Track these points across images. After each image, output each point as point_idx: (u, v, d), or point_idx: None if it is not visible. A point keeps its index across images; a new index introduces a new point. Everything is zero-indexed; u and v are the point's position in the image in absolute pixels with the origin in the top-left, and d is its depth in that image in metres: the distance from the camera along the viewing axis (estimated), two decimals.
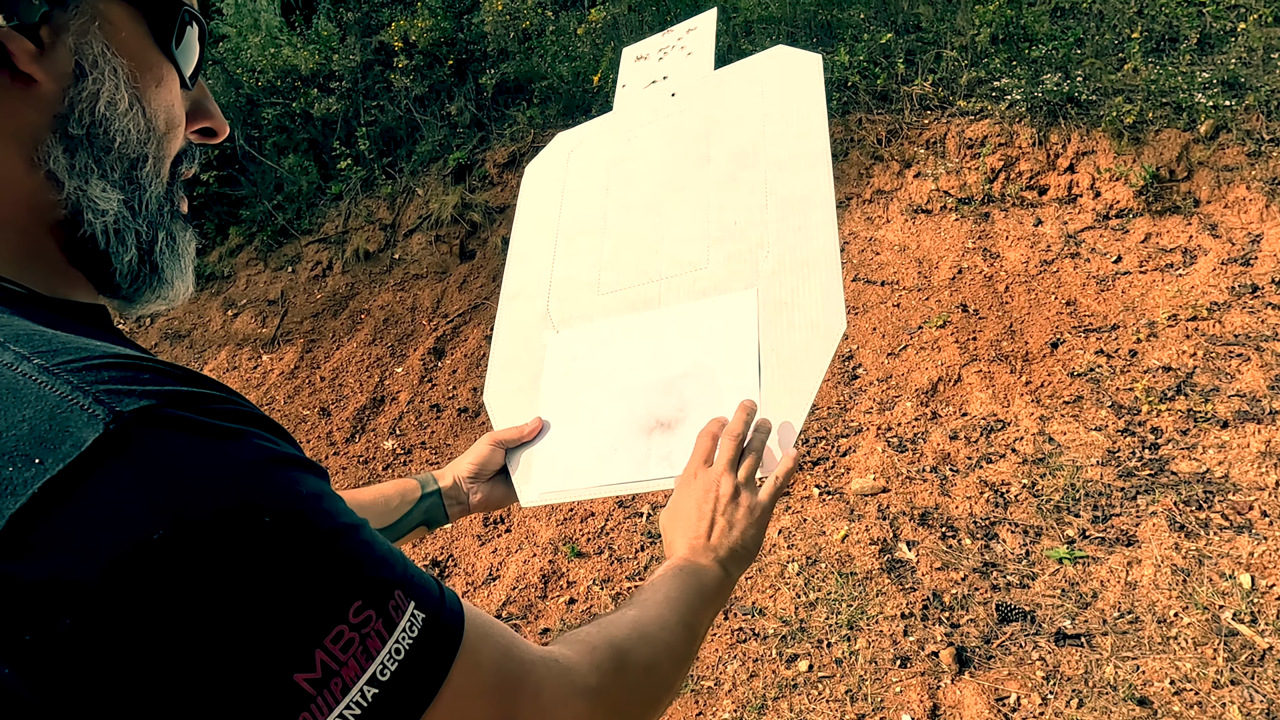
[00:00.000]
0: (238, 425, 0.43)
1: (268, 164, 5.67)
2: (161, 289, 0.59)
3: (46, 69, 0.50)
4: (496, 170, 5.36)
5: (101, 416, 0.38)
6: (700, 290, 1.06)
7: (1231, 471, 2.68)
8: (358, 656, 0.42)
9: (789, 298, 0.97)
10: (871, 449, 3.16)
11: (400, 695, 0.43)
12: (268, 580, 0.39)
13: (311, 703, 0.40)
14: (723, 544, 0.83)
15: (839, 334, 0.91)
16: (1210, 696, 2.05)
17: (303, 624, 0.40)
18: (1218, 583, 2.33)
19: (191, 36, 0.59)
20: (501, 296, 1.25)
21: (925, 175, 4.46)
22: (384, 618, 0.43)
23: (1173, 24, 4.66)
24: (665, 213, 1.15)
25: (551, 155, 1.36)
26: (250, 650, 0.39)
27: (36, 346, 0.42)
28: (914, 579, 2.58)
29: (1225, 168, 3.91)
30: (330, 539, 0.43)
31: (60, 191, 0.52)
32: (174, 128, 0.59)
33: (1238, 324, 3.28)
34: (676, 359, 1.02)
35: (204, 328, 5.19)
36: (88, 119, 0.52)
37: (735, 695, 2.34)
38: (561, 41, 5.79)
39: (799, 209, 1.03)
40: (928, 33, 5.00)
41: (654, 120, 1.28)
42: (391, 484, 1.02)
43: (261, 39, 6.54)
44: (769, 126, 1.13)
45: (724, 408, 0.94)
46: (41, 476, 0.36)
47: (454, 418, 4.04)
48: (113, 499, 0.37)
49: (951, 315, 3.74)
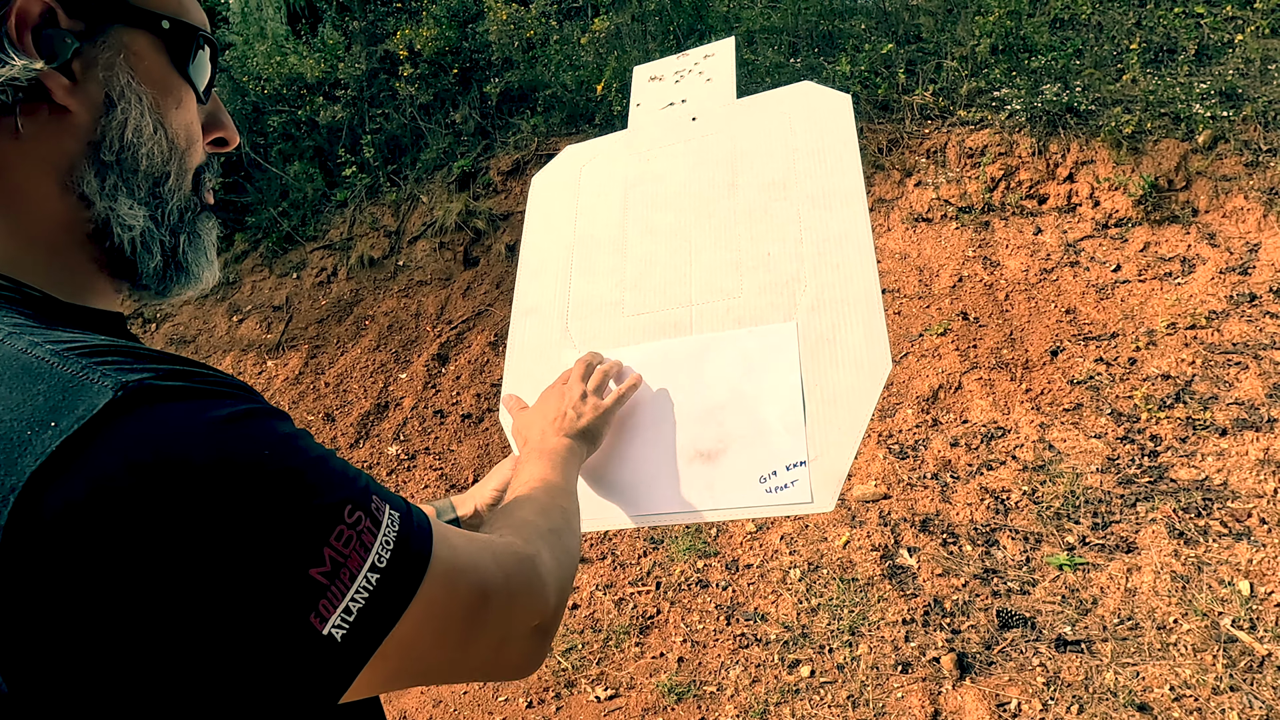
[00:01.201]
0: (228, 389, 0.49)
1: (273, 171, 5.71)
2: (189, 283, 0.65)
3: (80, 100, 0.54)
4: (501, 178, 5.39)
5: (110, 386, 0.43)
6: (735, 319, 1.05)
7: (1230, 479, 2.70)
8: (357, 549, 0.48)
9: (830, 334, 0.97)
10: (873, 456, 3.18)
11: (399, 575, 0.51)
12: (273, 498, 0.45)
13: (327, 590, 0.46)
14: (572, 426, 0.97)
15: (885, 373, 0.92)
16: (1210, 703, 2.06)
17: (309, 528, 0.46)
18: (1217, 589, 2.34)
19: (204, 56, 0.63)
20: (514, 311, 1.24)
21: (926, 184, 4.49)
22: (370, 517, 0.50)
23: (1171, 35, 4.69)
24: (692, 238, 1.15)
25: (561, 168, 1.35)
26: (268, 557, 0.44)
27: (47, 337, 0.47)
28: (915, 585, 2.60)
29: (1223, 177, 3.94)
30: (316, 461, 0.49)
31: (90, 210, 0.56)
32: (193, 143, 0.63)
33: (1236, 332, 3.30)
34: (716, 388, 1.01)
35: (209, 333, 5.21)
36: (118, 145, 0.56)
37: (738, 700, 2.35)
38: (565, 51, 5.83)
39: (837, 246, 1.03)
40: (928, 43, 5.03)
41: (674, 143, 1.27)
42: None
43: (268, 47, 6.58)
44: (799, 161, 1.13)
45: (768, 441, 0.94)
46: (58, 437, 0.41)
47: (458, 423, 4.06)
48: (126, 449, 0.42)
49: (952, 323, 3.76)
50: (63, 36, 0.53)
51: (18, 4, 0.51)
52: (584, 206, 1.27)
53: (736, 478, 0.93)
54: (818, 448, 0.92)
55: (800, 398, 0.95)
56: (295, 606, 0.45)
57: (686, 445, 0.99)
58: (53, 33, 0.52)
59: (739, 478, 0.93)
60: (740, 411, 0.98)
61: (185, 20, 0.60)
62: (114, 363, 0.45)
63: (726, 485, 0.94)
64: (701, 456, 0.97)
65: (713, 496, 0.94)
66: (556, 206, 1.30)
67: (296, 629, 0.45)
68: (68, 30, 0.53)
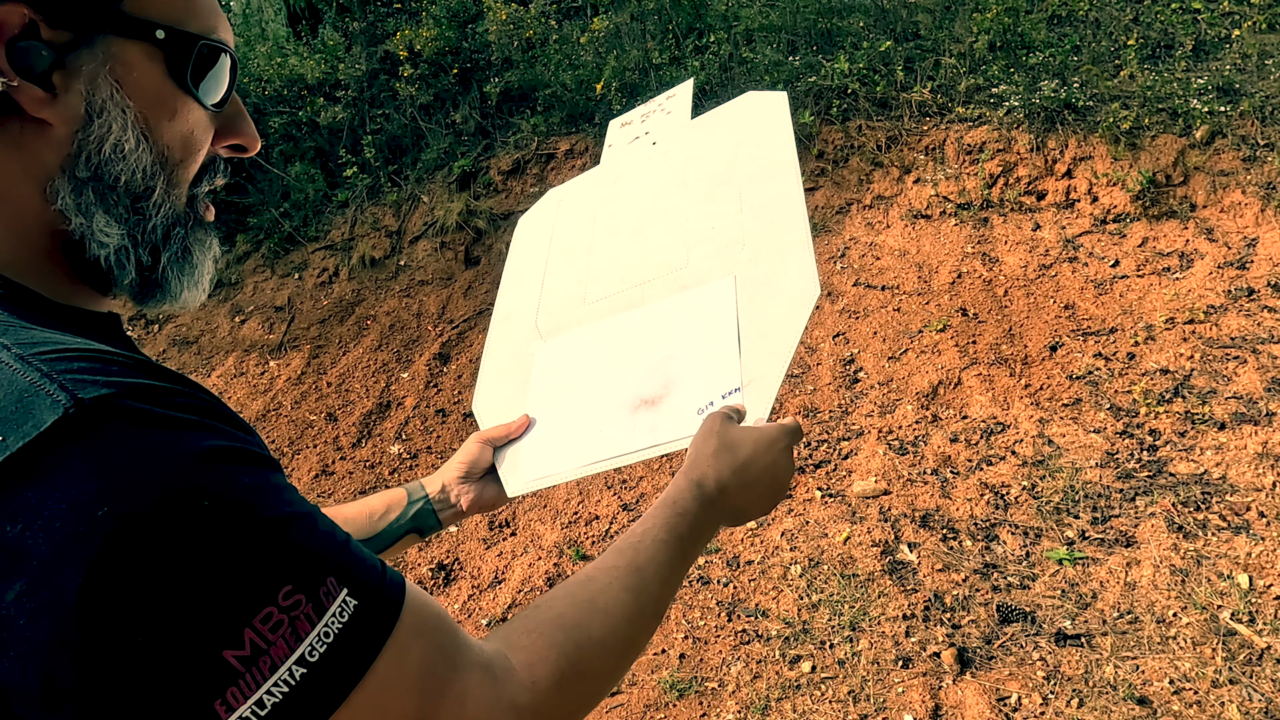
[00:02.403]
0: (193, 417, 0.46)
1: (275, 172, 5.72)
2: (167, 299, 0.62)
3: (59, 112, 0.53)
4: (501, 178, 5.40)
5: (63, 401, 0.41)
6: (681, 286, 1.11)
7: (1229, 473, 2.71)
8: (286, 637, 0.44)
9: (766, 278, 1.02)
10: (873, 452, 3.19)
11: (324, 678, 0.45)
12: (202, 562, 0.42)
13: (240, 678, 0.42)
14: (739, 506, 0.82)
15: (813, 298, 0.95)
16: (1209, 695, 2.07)
17: (233, 604, 0.42)
18: (1216, 583, 2.35)
19: (220, 65, 0.61)
20: (493, 319, 1.31)
21: (925, 181, 4.50)
22: (314, 602, 0.45)
23: (1168, 31, 4.70)
24: (647, 232, 1.23)
25: (543, 207, 1.47)
26: (183, 627, 0.41)
27: (19, 339, 0.45)
28: (915, 580, 2.61)
29: (1221, 172, 3.95)
30: (264, 527, 0.45)
31: (69, 223, 0.55)
32: (191, 153, 0.61)
33: (1234, 327, 3.31)
34: (661, 344, 1.06)
35: (211, 334, 5.23)
36: (94, 161, 0.54)
37: (739, 696, 2.37)
38: (565, 50, 5.84)
39: (772, 208, 1.09)
40: (926, 40, 5.04)
41: (637, 164, 1.38)
42: (380, 495, 1.03)
43: (268, 48, 6.59)
44: (741, 150, 1.22)
45: (707, 380, 0.98)
46: (2, 453, 0.39)
47: (459, 422, 4.08)
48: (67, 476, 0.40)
49: (951, 319, 3.77)
50: (39, 49, 0.51)
51: None
52: (559, 229, 1.38)
53: (677, 413, 0.97)
54: (750, 373, 0.95)
55: (735, 334, 1.00)
56: (202, 687, 0.41)
57: (633, 396, 1.03)
58: (29, 45, 0.50)
59: (679, 413, 0.97)
60: (682, 361, 1.03)
61: (185, 29, 0.58)
62: (76, 372, 0.43)
63: (668, 423, 0.97)
64: (646, 403, 1.02)
65: (654, 434, 0.98)
66: (536, 236, 1.42)
67: (199, 711, 0.41)
68: (48, 41, 0.51)
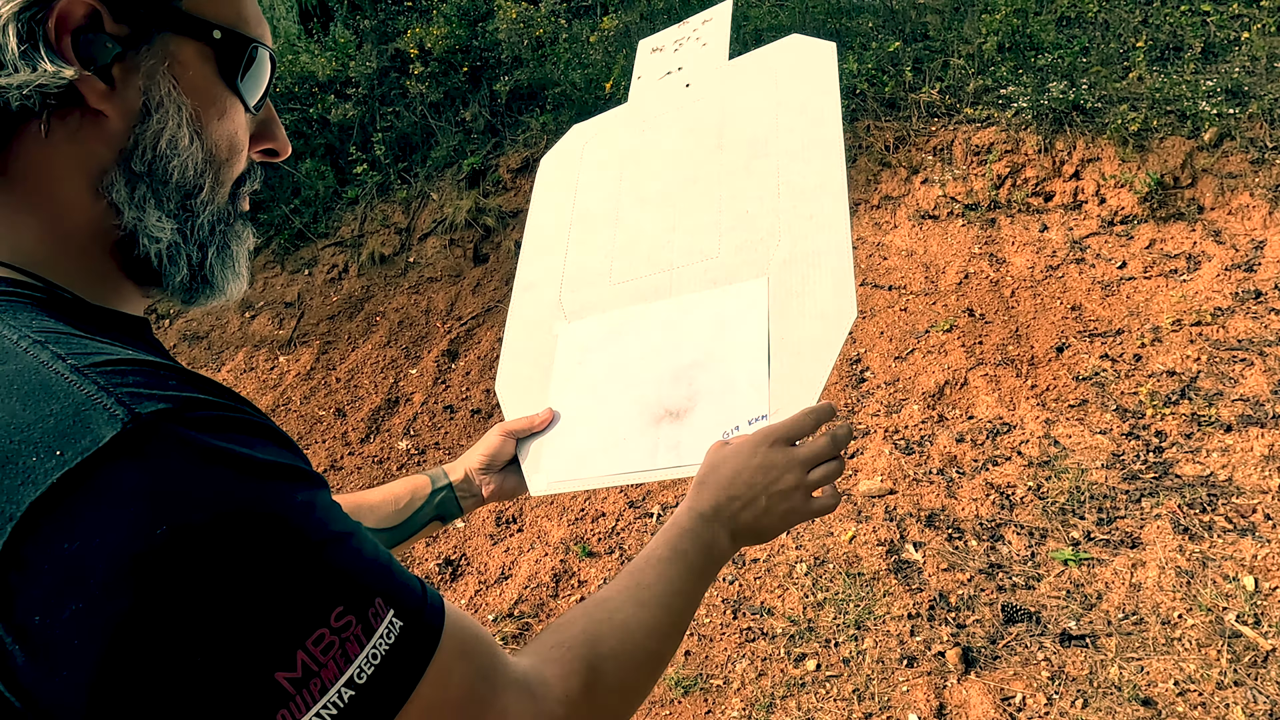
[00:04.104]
0: (245, 435, 0.46)
1: (285, 168, 5.75)
2: (214, 295, 0.63)
3: (117, 106, 0.53)
4: (510, 175, 5.42)
5: (121, 416, 0.41)
6: (711, 279, 1.05)
7: (1235, 475, 2.71)
8: (337, 659, 0.44)
9: (799, 287, 0.97)
10: (879, 451, 3.20)
11: (372, 700, 0.45)
12: (256, 583, 0.42)
13: (291, 701, 0.42)
14: (745, 522, 0.79)
15: (849, 323, 0.91)
16: (1214, 697, 2.07)
17: (287, 625, 0.42)
18: (1221, 585, 2.36)
19: (261, 67, 0.61)
20: (515, 288, 1.25)
21: (932, 181, 4.50)
22: (363, 623, 0.45)
23: (1177, 33, 4.69)
24: (678, 204, 1.15)
25: (566, 148, 1.37)
26: (236, 648, 0.41)
27: (72, 349, 0.45)
28: (920, 580, 2.62)
29: (1229, 175, 3.95)
30: (317, 548, 0.45)
31: (120, 218, 0.55)
32: (236, 153, 0.62)
33: (1241, 329, 3.31)
34: (687, 348, 1.01)
35: (222, 329, 5.26)
36: (150, 155, 0.55)
37: (744, 694, 2.38)
38: (574, 49, 5.86)
39: (812, 198, 1.03)
40: (935, 41, 5.04)
41: (668, 111, 1.28)
42: (402, 482, 1.03)
43: (280, 46, 6.62)
44: (782, 116, 1.13)
45: (734, 396, 0.95)
46: (61, 468, 0.39)
47: (467, 418, 4.10)
48: (124, 494, 0.40)
49: (958, 319, 3.78)
50: (104, 41, 0.51)
51: (60, 5, 0.50)
52: (584, 183, 1.29)
53: (701, 435, 0.94)
54: (778, 401, 0.91)
55: (766, 353, 0.95)
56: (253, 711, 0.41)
57: (656, 405, 1.00)
58: (94, 37, 0.51)
59: (703, 434, 0.94)
60: (709, 370, 0.98)
61: (239, 31, 0.59)
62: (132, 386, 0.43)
63: (691, 443, 0.95)
64: (670, 415, 0.99)
65: (678, 454, 0.95)
66: (559, 187, 1.32)
67: None
68: (111, 35, 0.52)
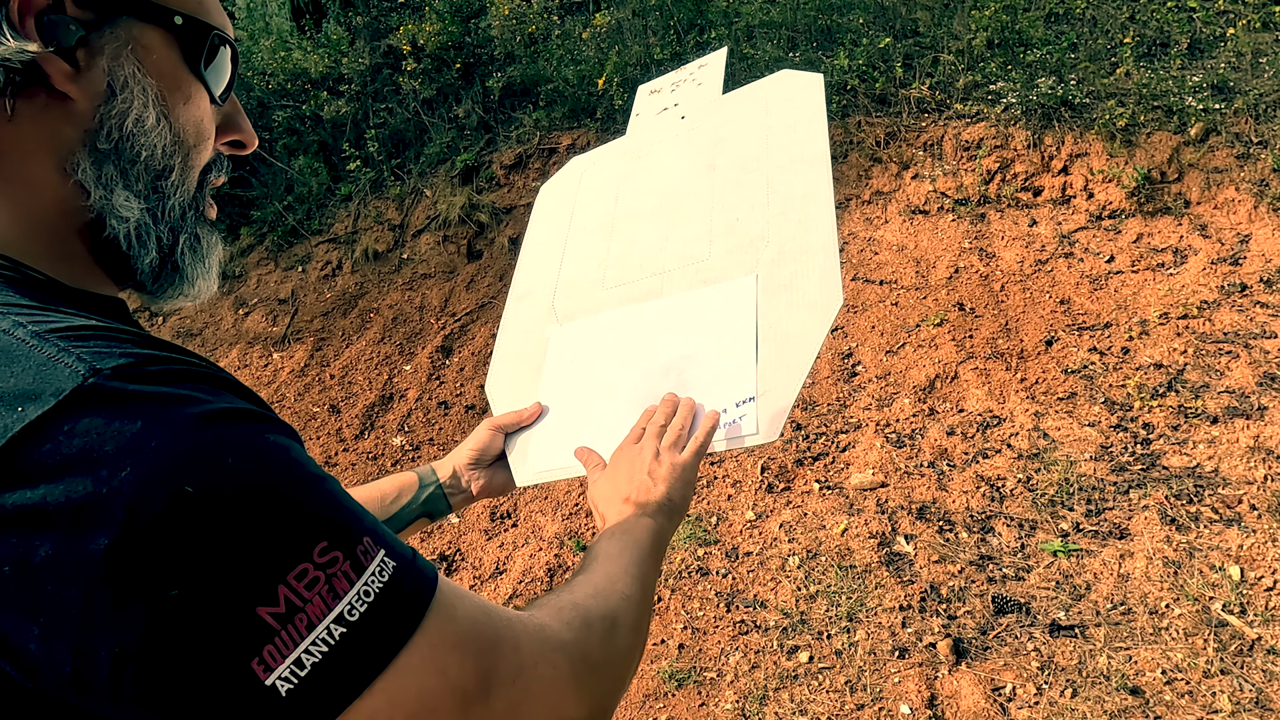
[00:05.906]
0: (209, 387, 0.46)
1: (278, 165, 5.74)
2: (183, 286, 0.63)
3: (81, 88, 0.54)
4: (503, 172, 5.43)
5: (82, 371, 0.41)
6: (701, 280, 1.07)
7: (1221, 466, 2.74)
8: (323, 595, 0.42)
9: (788, 281, 0.99)
10: (870, 445, 3.22)
11: (370, 637, 0.44)
12: (230, 520, 0.41)
13: (276, 636, 0.41)
14: (650, 500, 0.85)
15: (835, 310, 0.93)
16: (1201, 686, 2.10)
17: (266, 560, 0.41)
18: (1208, 575, 2.38)
19: (223, 58, 0.62)
20: (509, 296, 1.28)
21: (923, 177, 4.53)
22: (351, 560, 0.44)
23: (1164, 29, 4.72)
24: (670, 216, 1.19)
25: (565, 176, 1.41)
26: (213, 583, 0.40)
27: (34, 317, 0.46)
28: (912, 572, 2.64)
29: (1215, 170, 3.98)
30: (292, 485, 0.44)
31: (87, 198, 0.56)
32: (203, 140, 0.62)
33: (1227, 322, 3.34)
34: (677, 343, 1.03)
35: (215, 326, 5.26)
36: (115, 135, 0.55)
37: (737, 686, 2.40)
38: (567, 46, 5.86)
39: (799, 205, 1.06)
40: (925, 37, 5.06)
41: (664, 140, 1.32)
42: (390, 479, 1.03)
43: (272, 42, 6.60)
44: (772, 136, 1.17)
45: (722, 385, 0.96)
46: (23, 420, 0.40)
47: (461, 414, 4.11)
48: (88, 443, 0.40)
49: (948, 314, 3.81)
50: (67, 23, 0.52)
51: None
52: (580, 204, 1.33)
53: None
54: (766, 384, 0.93)
55: (754, 341, 0.97)
56: (237, 647, 0.40)
57: (646, 395, 1.01)
58: (57, 19, 0.52)
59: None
60: (698, 361, 1.00)
61: (200, 18, 0.59)
62: (93, 346, 0.44)
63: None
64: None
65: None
66: (557, 208, 1.36)
67: (235, 672, 0.40)
68: (74, 18, 0.53)
